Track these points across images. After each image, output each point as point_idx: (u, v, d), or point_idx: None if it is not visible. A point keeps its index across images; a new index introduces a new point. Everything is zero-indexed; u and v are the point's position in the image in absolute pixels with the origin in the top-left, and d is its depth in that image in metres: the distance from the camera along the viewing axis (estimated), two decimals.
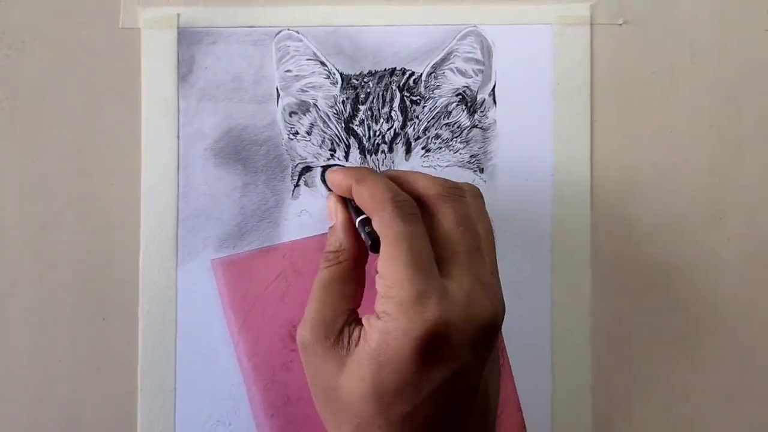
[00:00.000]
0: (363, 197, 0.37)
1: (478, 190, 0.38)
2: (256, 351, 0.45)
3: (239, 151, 0.46)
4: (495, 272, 0.36)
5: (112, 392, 0.45)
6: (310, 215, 0.46)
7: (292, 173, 0.46)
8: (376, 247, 0.35)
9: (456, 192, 0.37)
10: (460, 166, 0.45)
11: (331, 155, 0.45)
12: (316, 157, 0.46)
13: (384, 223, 0.35)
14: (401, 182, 0.38)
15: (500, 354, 0.44)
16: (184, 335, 0.45)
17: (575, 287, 0.45)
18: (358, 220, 0.37)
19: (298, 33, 0.46)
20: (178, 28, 0.45)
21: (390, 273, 0.34)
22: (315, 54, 0.46)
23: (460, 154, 0.46)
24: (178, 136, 0.45)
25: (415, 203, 0.36)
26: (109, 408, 0.45)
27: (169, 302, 0.45)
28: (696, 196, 0.46)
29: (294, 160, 0.46)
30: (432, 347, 0.33)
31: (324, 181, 0.46)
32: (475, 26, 0.46)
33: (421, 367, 0.33)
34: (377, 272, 0.35)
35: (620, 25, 0.46)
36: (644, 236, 0.46)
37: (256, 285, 0.45)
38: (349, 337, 0.35)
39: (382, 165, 0.45)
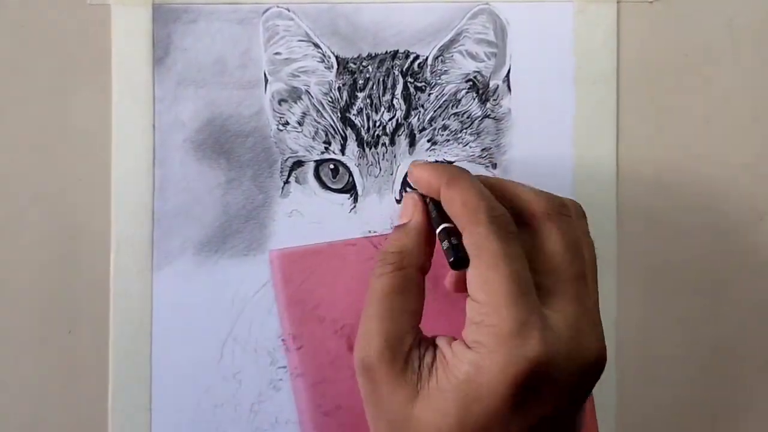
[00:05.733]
0: (453, 204, 0.36)
1: (581, 208, 0.37)
2: (242, 367, 0.44)
3: (222, 144, 0.45)
4: (598, 304, 0.36)
5: (80, 411, 0.45)
6: (302, 215, 0.45)
7: (282, 168, 0.45)
8: (460, 263, 0.34)
9: (563, 210, 0.36)
10: (470, 161, 0.45)
11: (326, 148, 0.45)
12: (308, 151, 0.45)
13: (478, 240, 0.34)
14: (499, 191, 0.37)
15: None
16: (161, 348, 0.44)
17: (599, 295, 0.43)
18: (441, 228, 0.36)
19: (289, 10, 0.45)
20: (153, 4, 0.44)
21: (486, 298, 0.33)
22: (307, 34, 0.45)
23: (471, 147, 0.45)
24: (154, 126, 0.45)
25: (512, 219, 0.35)
26: (76, 429, 0.45)
27: (144, 311, 0.44)
28: (735, 194, 0.46)
29: (284, 154, 0.45)
30: (530, 386, 0.32)
31: (317, 177, 0.45)
32: (487, 3, 0.45)
33: (515, 405, 0.32)
34: (468, 295, 0.34)
35: (650, 2, 0.45)
36: (676, 239, 0.45)
37: (241, 293, 0.44)
38: (420, 361, 0.34)
39: (383, 159, 0.44)
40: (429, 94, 0.44)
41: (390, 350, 0.34)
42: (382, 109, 0.44)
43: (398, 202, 0.44)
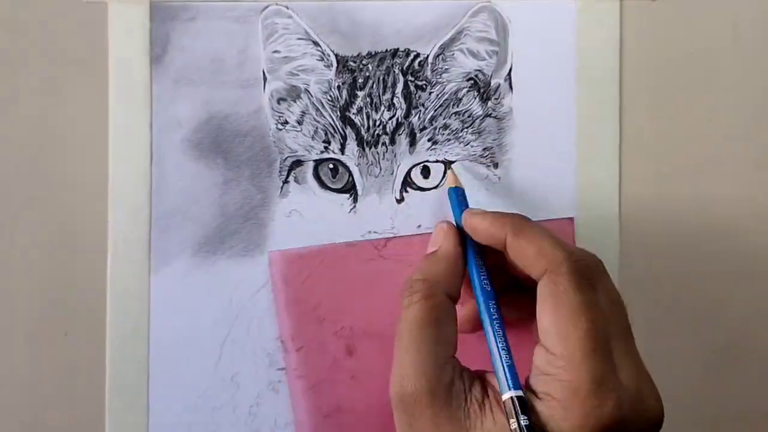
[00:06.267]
0: (526, 252, 0.35)
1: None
2: (240, 369, 0.44)
3: (220, 143, 0.45)
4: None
5: (77, 413, 0.45)
6: (301, 215, 0.44)
7: (281, 168, 0.44)
8: None
9: (601, 266, 0.35)
10: (471, 161, 0.44)
11: (325, 148, 0.44)
12: (307, 150, 0.44)
13: (558, 290, 0.33)
14: None
15: None
16: (158, 350, 0.44)
17: None
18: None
19: (288, 8, 0.44)
20: (150, 1, 0.44)
21: (563, 352, 0.32)
22: (307, 32, 0.45)
23: (472, 146, 0.44)
24: (151, 126, 0.44)
25: (588, 267, 0.34)
26: (73, 431, 0.45)
27: (141, 313, 0.44)
28: (739, 195, 0.45)
29: (283, 153, 0.44)
30: None
31: (317, 176, 0.44)
32: (488, 1, 0.45)
33: None
34: (539, 342, 0.33)
35: (653, 0, 0.45)
36: (680, 243, 0.45)
37: (240, 294, 0.44)
38: (466, 396, 0.33)
39: (383, 159, 0.44)
40: (430, 93, 0.44)
41: (428, 382, 0.33)
42: (383, 108, 0.44)
43: (398, 202, 0.44)
